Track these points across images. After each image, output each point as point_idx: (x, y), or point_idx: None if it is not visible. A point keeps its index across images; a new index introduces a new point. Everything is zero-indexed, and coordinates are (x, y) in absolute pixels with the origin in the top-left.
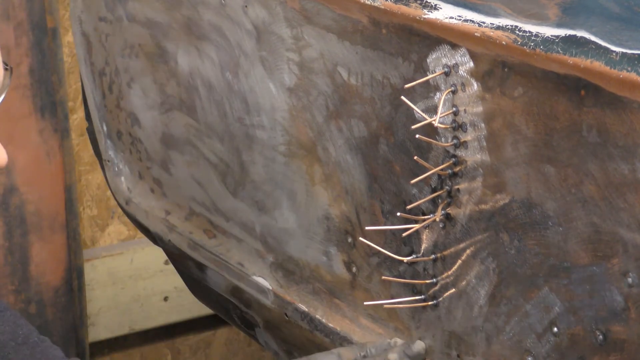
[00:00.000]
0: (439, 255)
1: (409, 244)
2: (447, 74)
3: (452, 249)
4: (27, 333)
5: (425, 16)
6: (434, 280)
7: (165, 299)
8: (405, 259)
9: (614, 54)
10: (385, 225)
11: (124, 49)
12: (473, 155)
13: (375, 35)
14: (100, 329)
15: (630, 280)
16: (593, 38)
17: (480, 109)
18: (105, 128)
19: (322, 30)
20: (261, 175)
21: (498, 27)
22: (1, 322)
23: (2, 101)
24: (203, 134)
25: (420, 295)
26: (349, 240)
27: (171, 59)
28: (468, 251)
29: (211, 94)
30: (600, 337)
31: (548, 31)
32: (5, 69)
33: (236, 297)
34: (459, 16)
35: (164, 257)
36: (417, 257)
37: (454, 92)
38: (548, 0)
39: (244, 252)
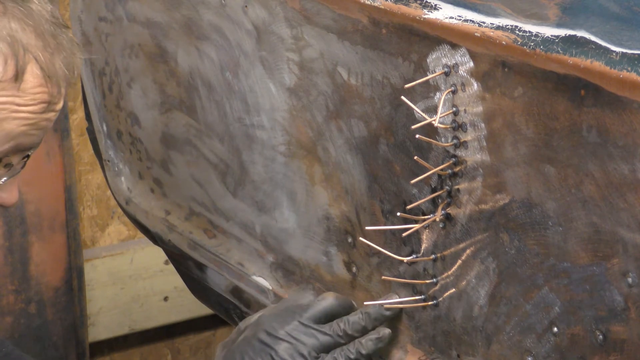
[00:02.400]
0: (439, 255)
1: (409, 244)
2: (447, 74)
3: (452, 249)
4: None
5: (425, 16)
6: (434, 280)
7: (165, 299)
8: (405, 259)
9: (614, 54)
10: (385, 225)
11: (124, 49)
12: (473, 155)
13: (375, 35)
14: (100, 329)
15: (630, 280)
16: (593, 38)
17: (480, 109)
18: (105, 128)
19: (322, 30)
20: (261, 175)
21: (498, 27)
22: None
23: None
24: (203, 134)
25: (421, 295)
26: (349, 240)
27: (171, 59)
28: (468, 251)
29: (211, 94)
30: (600, 337)
31: (548, 31)
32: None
33: (236, 297)
34: (459, 16)
35: (164, 257)
36: (417, 257)
37: (454, 92)
38: (548, 0)
39: (244, 252)
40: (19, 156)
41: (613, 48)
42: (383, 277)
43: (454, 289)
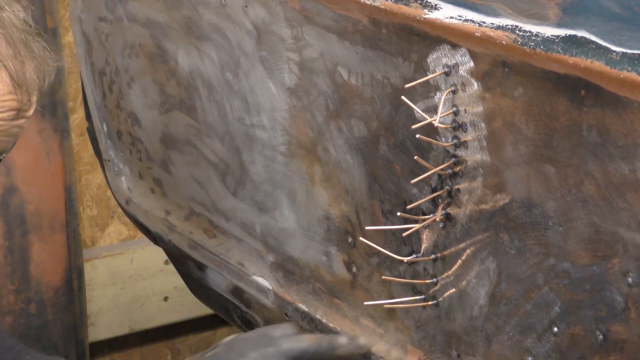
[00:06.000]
0: (439, 255)
1: (409, 244)
2: (447, 74)
3: (452, 249)
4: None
5: (425, 16)
6: (434, 280)
7: (165, 299)
8: (406, 259)
9: (614, 53)
10: (385, 225)
11: (124, 49)
12: (473, 155)
13: (375, 35)
14: (100, 329)
15: (630, 280)
16: (593, 38)
17: (480, 108)
18: (105, 128)
19: (322, 30)
20: (261, 175)
21: (498, 27)
22: None
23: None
24: (203, 134)
25: (421, 295)
26: (349, 240)
27: (171, 59)
28: (468, 251)
29: (211, 94)
30: (600, 337)
31: (548, 31)
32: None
33: (236, 297)
34: (459, 16)
35: (164, 257)
36: (417, 257)
37: (454, 92)
38: (548, 0)
39: (244, 252)
40: None
41: (613, 48)
42: (383, 277)
43: (454, 289)
